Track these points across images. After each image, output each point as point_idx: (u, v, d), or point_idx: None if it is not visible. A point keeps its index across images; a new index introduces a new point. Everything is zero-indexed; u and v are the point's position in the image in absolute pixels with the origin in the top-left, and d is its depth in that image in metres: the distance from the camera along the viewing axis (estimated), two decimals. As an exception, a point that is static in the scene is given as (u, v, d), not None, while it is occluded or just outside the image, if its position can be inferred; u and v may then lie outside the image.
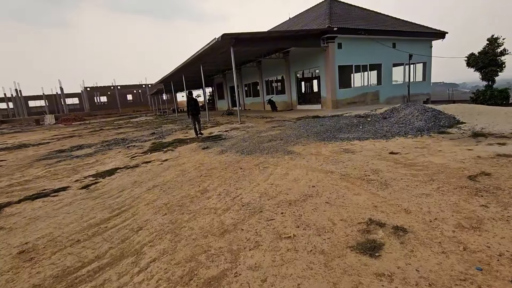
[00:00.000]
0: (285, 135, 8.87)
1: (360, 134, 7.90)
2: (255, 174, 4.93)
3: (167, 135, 12.61)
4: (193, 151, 7.82)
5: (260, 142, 8.06)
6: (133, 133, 15.37)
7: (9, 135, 23.67)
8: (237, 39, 13.44)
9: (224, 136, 10.23)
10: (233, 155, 6.75)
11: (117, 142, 11.65)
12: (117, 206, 4.02)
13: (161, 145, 9.59)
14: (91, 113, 51.46)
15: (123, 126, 21.96)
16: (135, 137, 12.81)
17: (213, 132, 11.96)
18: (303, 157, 5.82)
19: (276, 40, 15.04)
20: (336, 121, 10.80)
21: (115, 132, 16.81)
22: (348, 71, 18.54)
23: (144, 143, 10.55)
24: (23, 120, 42.85)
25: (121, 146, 10.34)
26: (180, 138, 11.05)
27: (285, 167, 5.19)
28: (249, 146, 7.62)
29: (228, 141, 8.95)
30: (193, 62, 18.46)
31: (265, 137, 8.88)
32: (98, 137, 14.87)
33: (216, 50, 16.11)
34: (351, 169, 4.70)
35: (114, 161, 7.60)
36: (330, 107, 17.48)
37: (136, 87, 62.84)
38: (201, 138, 10.24)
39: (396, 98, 20.23)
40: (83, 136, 16.67)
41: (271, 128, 11.11)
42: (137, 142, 11.00)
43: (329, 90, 17.39)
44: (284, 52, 20.32)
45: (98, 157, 8.53)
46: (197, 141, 9.63)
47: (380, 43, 18.48)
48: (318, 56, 17.63)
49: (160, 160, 7.10)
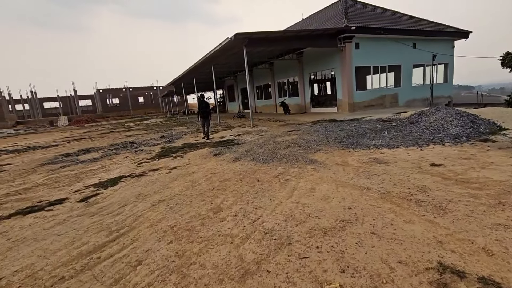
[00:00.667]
0: (303, 140, 8.16)
1: (387, 141, 7.12)
2: (275, 188, 4.26)
3: (177, 138, 12.10)
4: (203, 158, 7.21)
5: (277, 148, 7.39)
6: (143, 136, 14.96)
7: (22, 136, 23.82)
8: (250, 39, 12.86)
9: (237, 141, 9.60)
10: (248, 163, 6.10)
11: (125, 145, 11.21)
12: (115, 227, 3.43)
13: (170, 150, 9.05)
14: (103, 115, 51.99)
15: (133, 128, 21.71)
16: (144, 141, 12.36)
17: (224, 136, 11.37)
18: (328, 168, 5.11)
19: (290, 40, 14.37)
20: (357, 125, 10.02)
21: (125, 135, 16.47)
22: (366, 73, 17.66)
23: (152, 148, 10.04)
24: (37, 121, 43.58)
25: (129, 151, 9.86)
26: (190, 142, 10.50)
27: (309, 180, 4.50)
28: (265, 153, 6.96)
29: (241, 146, 8.31)
30: (204, 63, 18.00)
31: (281, 142, 8.20)
32: (107, 140, 14.53)
33: (228, 51, 15.58)
34: (390, 185, 3.97)
35: (119, 168, 7.07)
36: (346, 110, 16.64)
37: (147, 89, 63.30)
38: (212, 143, 9.65)
39: (416, 101, 19.20)
40: (93, 138, 16.40)
41: (287, 132, 10.42)
42: (145, 146, 10.51)
43: (345, 92, 16.57)
44: (297, 53, 19.63)
45: (104, 163, 8.04)
46: (208, 146, 9.04)
47: (400, 43, 17.55)
48: (334, 56, 16.85)
49: (168, 167, 6.52)
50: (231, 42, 12.48)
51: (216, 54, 15.49)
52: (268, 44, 14.09)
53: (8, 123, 40.67)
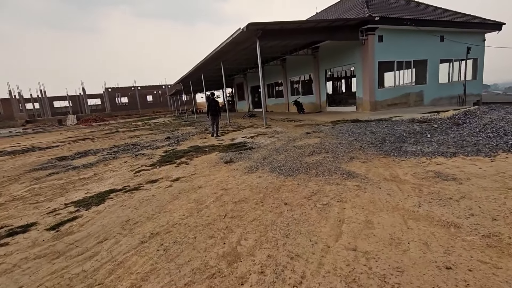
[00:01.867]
0: (329, 145, 6.90)
1: (436, 147, 5.79)
2: (312, 218, 3.04)
3: (183, 140, 10.99)
4: (212, 166, 6.04)
5: (300, 155, 6.15)
6: (147, 136, 13.95)
7: (28, 136, 23.28)
8: (264, 30, 11.64)
9: (250, 144, 8.40)
10: (267, 175, 4.89)
11: (126, 148, 10.17)
12: (82, 284, 2.27)
13: (174, 154, 7.92)
14: (112, 114, 51.67)
15: (139, 128, 20.81)
16: (148, 142, 11.31)
17: (235, 138, 10.19)
18: (376, 185, 3.86)
19: (307, 33, 13.07)
20: (388, 127, 8.67)
21: (129, 135, 15.51)
22: (389, 69, 16.18)
23: (155, 151, 8.95)
24: (46, 121, 43.48)
25: (129, 154, 8.80)
26: (198, 145, 9.36)
27: (357, 205, 3.26)
28: (286, 161, 5.73)
29: (257, 152, 7.10)
30: (213, 58, 16.88)
31: (303, 147, 6.95)
32: (110, 141, 13.58)
33: (238, 45, 14.41)
34: (487, 219, 2.69)
35: (113, 177, 5.98)
36: (367, 109, 15.23)
37: (156, 87, 62.82)
38: (222, 146, 8.47)
39: (443, 99, 17.60)
40: (96, 138, 15.51)
41: (306, 134, 9.16)
42: (148, 149, 9.44)
43: (366, 90, 15.16)
44: (313, 47, 18.28)
45: (98, 169, 6.97)
46: (217, 151, 7.87)
47: (431, 34, 16.00)
48: (354, 51, 15.45)
49: (169, 178, 5.37)
50: (243, 33, 11.29)
51: (226, 48, 14.33)
52: (283, 37, 12.82)
53: (18, 122, 40.64)
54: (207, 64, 19.23)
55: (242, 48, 15.93)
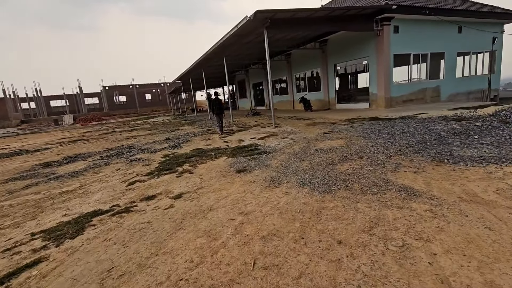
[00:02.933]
0: (359, 148, 5.81)
1: (496, 151, 4.71)
2: (395, 275, 1.96)
3: (185, 141, 9.90)
4: (222, 177, 4.95)
5: (328, 161, 5.06)
6: (145, 137, 12.85)
7: (20, 137, 22.12)
8: (273, 19, 10.50)
9: (262, 147, 7.30)
10: (296, 191, 3.81)
11: (121, 151, 9.07)
12: None
13: (175, 159, 6.83)
14: (110, 113, 50.48)
15: (137, 128, 19.69)
16: (145, 144, 10.21)
17: (243, 139, 9.09)
18: (458, 211, 2.78)
19: (319, 23, 11.93)
20: (420, 126, 7.58)
21: (126, 136, 14.41)
22: (404, 62, 15.07)
23: (153, 155, 7.86)
24: (42, 120, 42.29)
25: (124, 159, 7.71)
26: (201, 148, 8.27)
27: (451, 248, 2.18)
28: (314, 170, 4.64)
29: (273, 157, 6.01)
30: (215, 53, 15.74)
31: (328, 151, 5.86)
32: (105, 142, 12.49)
33: (243, 37, 13.28)
34: None
35: (101, 191, 4.89)
36: (382, 106, 14.14)
37: (154, 86, 61.57)
38: (230, 150, 7.37)
39: (460, 95, 16.52)
40: (90, 140, 14.41)
41: (324, 135, 8.06)
42: (145, 153, 8.34)
43: (381, 85, 14.05)
44: (321, 41, 17.15)
45: (86, 179, 5.89)
46: (225, 155, 6.78)
47: (449, 25, 14.87)
48: (368, 43, 14.33)
49: (170, 194, 4.29)
50: (250, 23, 10.16)
51: (229, 41, 13.20)
52: (293, 27, 11.69)
53: (13, 122, 39.46)
54: (208, 60, 18.09)
55: (246, 41, 14.80)
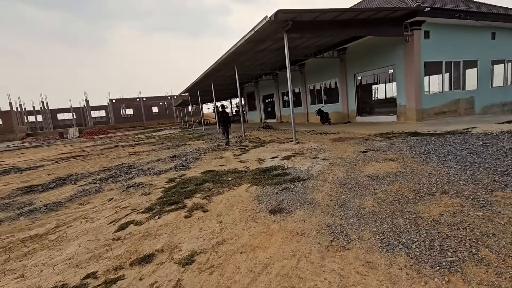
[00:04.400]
0: (428, 176, 4.31)
1: None
2: None
3: (193, 160, 8.51)
4: (251, 220, 3.49)
5: (401, 199, 3.57)
6: (149, 154, 11.53)
7: (21, 151, 21.10)
8: (295, 22, 9.29)
9: (291, 170, 5.84)
10: (384, 261, 2.33)
11: (119, 173, 7.71)
12: None
13: (183, 187, 5.41)
14: (116, 126, 49.85)
15: (141, 142, 18.48)
16: (148, 163, 8.86)
17: (263, 158, 7.65)
18: None
19: (344, 27, 10.68)
20: (487, 144, 6.06)
21: (128, 152, 13.13)
22: (435, 70, 13.66)
23: (156, 179, 6.46)
24: (48, 133, 41.71)
25: (120, 184, 6.33)
26: (214, 169, 6.85)
27: None
28: (388, 214, 3.15)
29: (313, 186, 4.54)
30: (225, 63, 14.60)
31: (385, 180, 4.37)
32: (104, 160, 11.20)
33: (257, 44, 12.11)
34: None
35: (80, 239, 3.48)
36: (413, 118, 12.64)
37: (161, 98, 61.22)
38: (252, 173, 5.93)
39: (495, 107, 14.95)
40: (90, 156, 13.17)
41: (364, 154, 6.58)
42: (146, 175, 6.96)
43: (411, 96, 12.62)
44: (340, 49, 15.95)
45: (66, 216, 4.49)
46: (246, 181, 5.33)
47: (482, 30, 13.54)
48: (394, 50, 13.03)
49: (175, 255, 2.84)
50: (269, 25, 8.97)
51: (242, 48, 12.02)
52: (315, 31, 10.45)
53: (18, 136, 38.90)
54: (217, 70, 16.98)
55: (260, 49, 13.66)
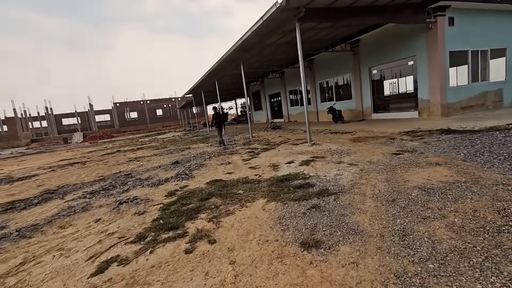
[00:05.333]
0: (502, 187, 3.27)
1: None
2: None
3: (197, 167, 7.56)
4: (276, 259, 2.49)
5: (489, 226, 2.54)
6: (150, 159, 10.65)
7: (22, 158, 20.47)
8: (309, 9, 8.29)
9: (316, 179, 4.82)
10: None
11: (114, 184, 6.79)
12: None
13: (184, 203, 4.44)
14: (120, 130, 49.38)
15: (144, 146, 17.64)
16: (147, 171, 7.94)
17: (277, 163, 6.64)
18: None
19: (361, 14, 9.62)
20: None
21: (129, 158, 12.27)
22: (460, 60, 12.48)
23: (154, 191, 5.52)
24: (52, 139, 41.37)
25: (113, 198, 5.40)
26: (221, 178, 5.88)
27: None
28: (485, 255, 2.13)
29: (350, 204, 3.52)
30: (231, 59, 13.66)
31: (447, 194, 3.33)
32: (102, 167, 10.35)
33: (265, 37, 11.13)
34: None
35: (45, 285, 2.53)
36: (438, 114, 11.49)
37: (165, 101, 60.68)
38: (266, 183, 4.94)
39: (525, 99, 13.66)
40: (88, 163, 12.35)
41: (397, 157, 5.53)
42: (144, 186, 6.03)
43: (435, 89, 11.47)
44: (352, 42, 14.86)
45: (38, 246, 3.57)
46: (261, 194, 4.34)
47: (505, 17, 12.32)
48: (414, 40, 11.90)
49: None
50: (279, 12, 7.98)
51: (248, 42, 11.07)
52: (330, 19, 9.42)
53: (22, 142, 38.61)
54: (221, 68, 16.07)
55: (268, 43, 12.68)
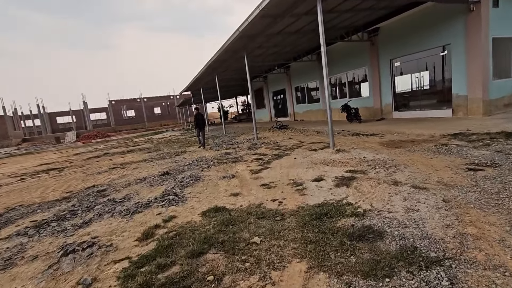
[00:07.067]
0: None
1: None
2: None
3: (192, 182, 5.78)
4: None
5: None
6: (137, 167, 8.88)
7: (6, 160, 18.65)
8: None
9: (374, 218, 3.04)
10: None
11: (77, 208, 5.02)
12: None
13: (162, 269, 2.67)
14: (116, 128, 47.57)
15: (136, 149, 15.85)
16: (128, 186, 6.16)
17: (300, 180, 4.85)
18: None
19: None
20: None
21: (113, 164, 10.50)
22: (504, 49, 10.67)
23: (125, 226, 3.74)
24: (44, 138, 39.57)
25: (62, 237, 3.63)
26: (223, 203, 4.10)
27: None
28: None
29: None
30: (233, 49, 11.84)
31: None
32: (78, 177, 8.58)
33: (275, 20, 9.36)
34: None
35: None
36: (479, 112, 9.72)
37: (163, 98, 58.80)
38: (294, 221, 3.18)
39: None
40: (68, 169, 10.59)
41: (484, 178, 3.76)
42: (114, 216, 4.25)
43: (476, 84, 9.69)
44: (370, 31, 13.06)
45: None
46: (292, 246, 2.59)
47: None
48: (450, 25, 10.10)
49: None
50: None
51: (254, 27, 9.29)
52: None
53: (13, 141, 36.79)
54: (221, 61, 14.27)
55: (277, 30, 10.90)
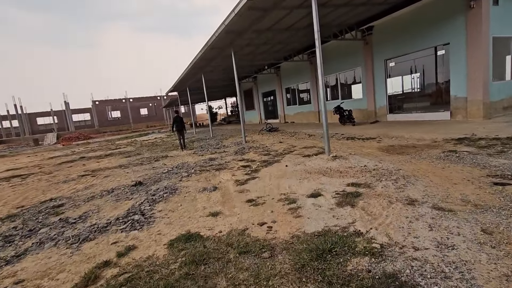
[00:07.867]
0: None
1: None
2: None
3: (165, 196, 4.89)
4: None
5: None
6: (109, 175, 7.89)
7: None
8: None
9: (398, 260, 2.25)
10: None
11: (16, 232, 4.05)
12: None
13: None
14: (100, 130, 45.71)
15: (116, 152, 14.73)
16: (91, 199, 5.21)
17: (293, 195, 4.02)
18: None
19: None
20: None
21: (85, 170, 9.44)
22: (502, 49, 10.25)
23: (66, 262, 2.82)
24: (22, 140, 37.48)
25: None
26: (199, 231, 3.24)
27: None
28: None
29: None
30: (219, 45, 10.98)
31: None
32: (42, 185, 7.53)
33: (266, 14, 8.58)
34: None
35: None
36: (479, 115, 9.21)
37: (150, 99, 57.16)
38: (293, 269, 2.37)
39: None
40: (34, 175, 9.47)
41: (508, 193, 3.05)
42: (56, 245, 3.31)
43: (476, 85, 9.18)
44: (364, 29, 12.47)
45: None
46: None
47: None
48: (449, 23, 9.58)
49: None
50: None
51: (240, 22, 8.47)
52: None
53: (-14, 143, 34.65)
54: (208, 60, 13.39)
55: (267, 26, 10.14)
